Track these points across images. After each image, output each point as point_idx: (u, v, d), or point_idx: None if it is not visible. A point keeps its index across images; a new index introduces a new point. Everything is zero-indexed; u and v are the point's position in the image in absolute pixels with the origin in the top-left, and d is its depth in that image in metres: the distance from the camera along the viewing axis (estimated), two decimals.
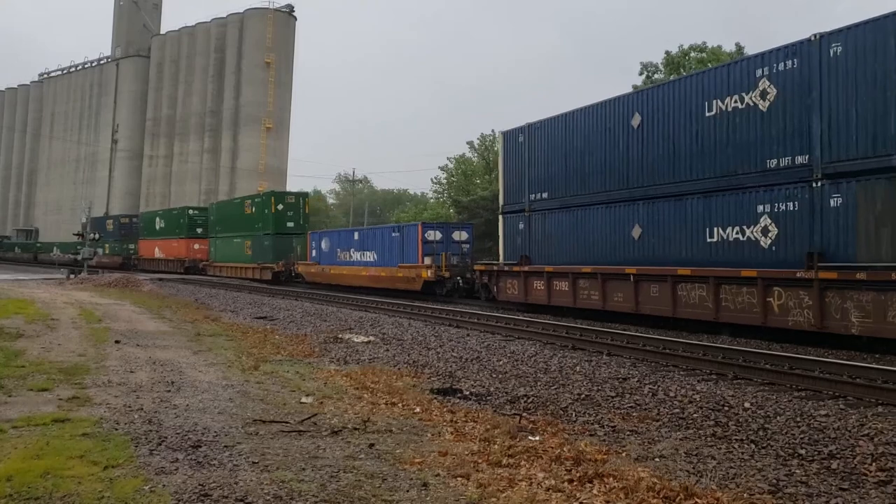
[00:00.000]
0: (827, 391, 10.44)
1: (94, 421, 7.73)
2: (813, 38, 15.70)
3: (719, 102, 17.61)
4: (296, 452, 6.78)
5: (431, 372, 12.59)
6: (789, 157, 16.01)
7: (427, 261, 30.08)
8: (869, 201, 14.43)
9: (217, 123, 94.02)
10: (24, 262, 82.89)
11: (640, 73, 47.16)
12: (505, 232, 26.05)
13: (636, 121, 20.18)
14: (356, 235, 37.15)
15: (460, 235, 31.52)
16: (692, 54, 45.20)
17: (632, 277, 19.67)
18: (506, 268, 25.44)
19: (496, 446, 7.22)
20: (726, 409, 9.49)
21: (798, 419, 8.82)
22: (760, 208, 16.54)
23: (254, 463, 6.37)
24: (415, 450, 7.02)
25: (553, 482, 6.07)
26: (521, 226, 24.97)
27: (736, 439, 8.09)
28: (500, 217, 26.45)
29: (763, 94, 16.59)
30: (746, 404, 9.66)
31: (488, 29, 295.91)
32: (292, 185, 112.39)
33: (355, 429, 7.79)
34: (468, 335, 17.70)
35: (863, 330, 14.25)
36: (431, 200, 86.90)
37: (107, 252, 65.02)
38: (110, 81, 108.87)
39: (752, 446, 7.80)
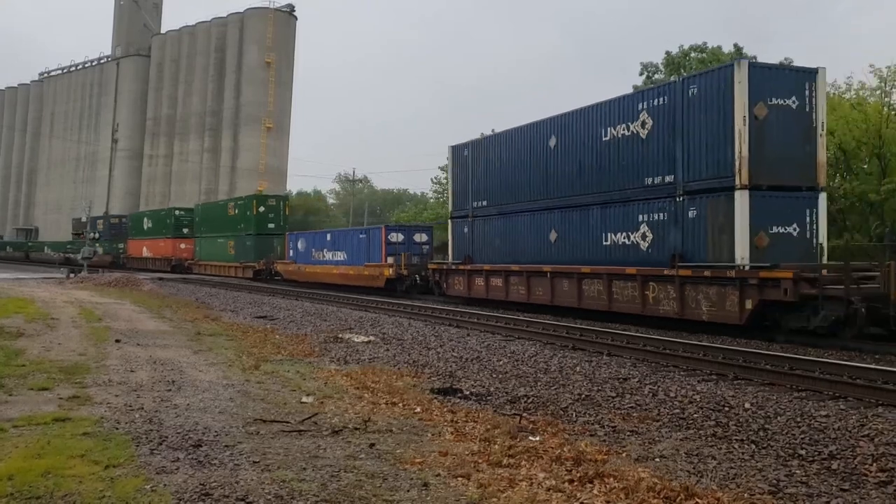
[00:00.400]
0: (827, 392, 10.45)
1: (95, 420, 7.73)
2: (677, 80, 19.74)
3: (612, 129, 21.05)
4: (296, 452, 6.78)
5: (432, 372, 12.59)
6: (661, 177, 19.38)
7: (390, 260, 32.82)
8: (714, 213, 17.87)
9: (217, 123, 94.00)
10: (16, 260, 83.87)
11: (641, 74, 47.18)
12: (453, 234, 29.44)
13: (553, 142, 23.63)
14: (329, 237, 40.32)
15: (420, 237, 34.62)
16: (692, 55, 45.17)
17: (548, 274, 23.11)
18: (453, 266, 28.77)
19: (496, 446, 7.22)
20: (727, 409, 9.49)
21: (798, 419, 8.83)
22: (640, 217, 19.97)
23: (255, 462, 6.37)
24: (415, 450, 7.02)
25: (553, 482, 6.08)
26: (466, 230, 28.29)
27: (736, 439, 8.09)
28: (450, 221, 29.68)
29: (643, 124, 19.96)
30: (747, 405, 9.66)
31: (489, 29, 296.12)
32: (292, 185, 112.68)
33: (356, 428, 7.80)
34: (468, 335, 17.71)
35: (710, 317, 17.68)
36: (431, 200, 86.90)
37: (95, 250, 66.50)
38: (110, 81, 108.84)
39: (753, 446, 7.81)
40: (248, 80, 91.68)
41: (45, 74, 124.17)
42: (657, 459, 7.27)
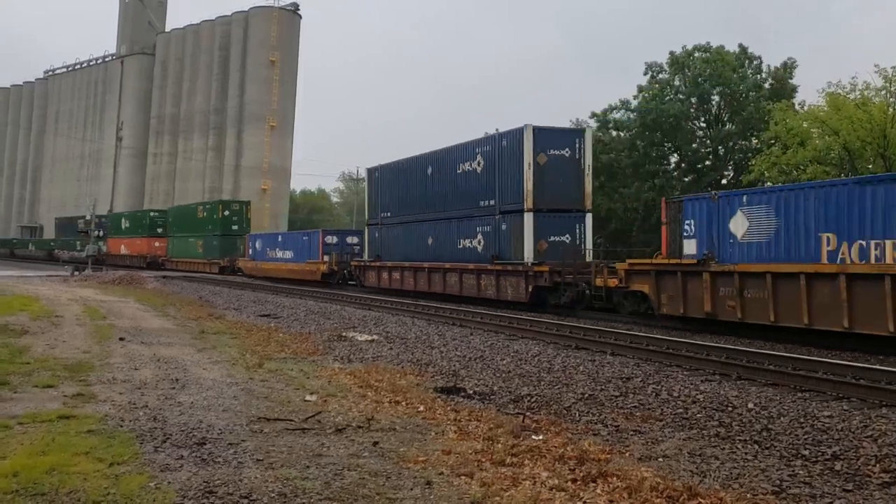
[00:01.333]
0: (831, 392, 10.43)
1: (99, 418, 7.76)
2: (496, 134, 27.33)
3: (462, 165, 28.78)
4: (300, 450, 6.80)
5: (435, 371, 12.60)
6: (488, 201, 26.96)
7: (325, 258, 39.76)
8: (515, 228, 25.46)
9: (221, 121, 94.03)
10: (1, 257, 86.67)
11: (645, 74, 47.08)
12: (368, 238, 36.68)
13: (430, 171, 31.36)
14: (280, 238, 48.35)
15: (352, 239, 41.91)
16: (696, 54, 45.10)
17: (426, 270, 30.48)
18: (367, 263, 35.93)
19: (500, 445, 7.23)
20: (730, 409, 9.49)
21: (802, 420, 8.82)
22: (478, 229, 27.77)
23: (258, 460, 6.40)
24: (418, 448, 7.04)
25: (556, 481, 6.09)
26: (377, 234, 35.64)
27: (739, 440, 8.09)
28: (366, 227, 36.99)
29: (479, 163, 27.68)
30: (750, 405, 9.65)
31: (489, 29, 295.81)
32: (296, 184, 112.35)
33: (359, 427, 7.81)
34: (472, 334, 17.71)
35: (512, 297, 25.32)
36: None
37: (79, 249, 69.68)
38: (115, 79, 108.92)
39: (756, 447, 7.81)
40: (252, 79, 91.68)
41: (50, 73, 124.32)
42: (660, 459, 7.27)
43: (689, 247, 18.98)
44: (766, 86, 43.91)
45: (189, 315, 21.54)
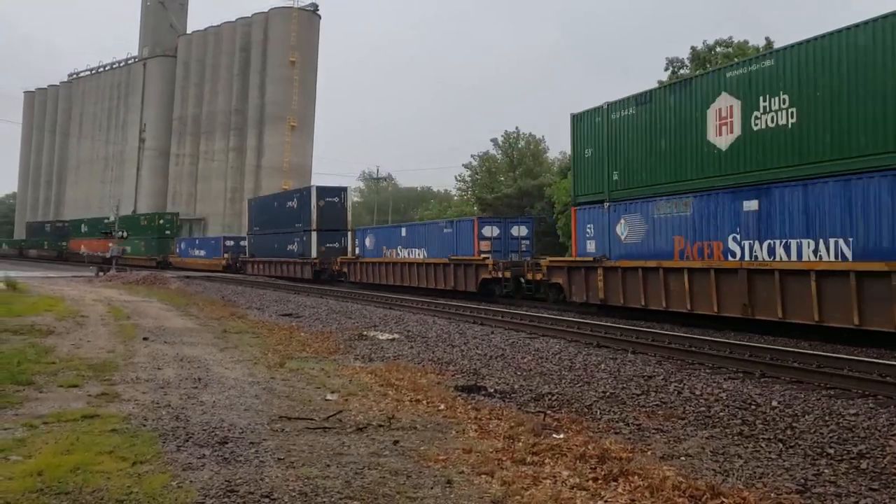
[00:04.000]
0: (856, 390, 10.30)
1: (123, 417, 7.83)
2: (301, 188, 48.81)
3: (290, 203, 46.66)
4: (321, 449, 6.82)
5: (456, 369, 12.59)
6: (299, 224, 45.03)
7: (225, 255, 57.89)
8: (308, 239, 43.30)
9: (242, 122, 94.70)
10: (11, 258, 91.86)
11: (666, 69, 46.75)
12: (248, 242, 55.00)
13: (275, 204, 50.23)
14: (197, 241, 67.18)
15: (242, 242, 57.89)
16: (718, 49, 44.72)
17: (274, 262, 48.32)
18: (247, 259, 54.21)
19: (520, 444, 7.21)
20: (753, 407, 9.40)
21: (826, 418, 8.72)
22: (294, 239, 45.13)
23: (279, 459, 6.42)
24: (439, 447, 7.03)
25: (577, 480, 6.06)
26: (252, 240, 53.70)
27: (763, 438, 8.00)
28: (248, 235, 55.04)
29: (295, 203, 46.59)
30: (774, 403, 9.56)
31: (489, 29, 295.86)
32: (316, 182, 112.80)
33: (380, 426, 7.82)
34: (492, 332, 17.69)
35: (304, 276, 43.45)
36: (455, 198, 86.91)
37: (45, 248, 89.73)
38: (137, 81, 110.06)
39: (780, 445, 7.72)
40: (273, 79, 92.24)
41: (74, 76, 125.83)
42: (682, 458, 7.21)
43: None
44: None
45: (212, 314, 21.70)
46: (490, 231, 30.34)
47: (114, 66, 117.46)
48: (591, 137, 22.88)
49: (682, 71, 45.94)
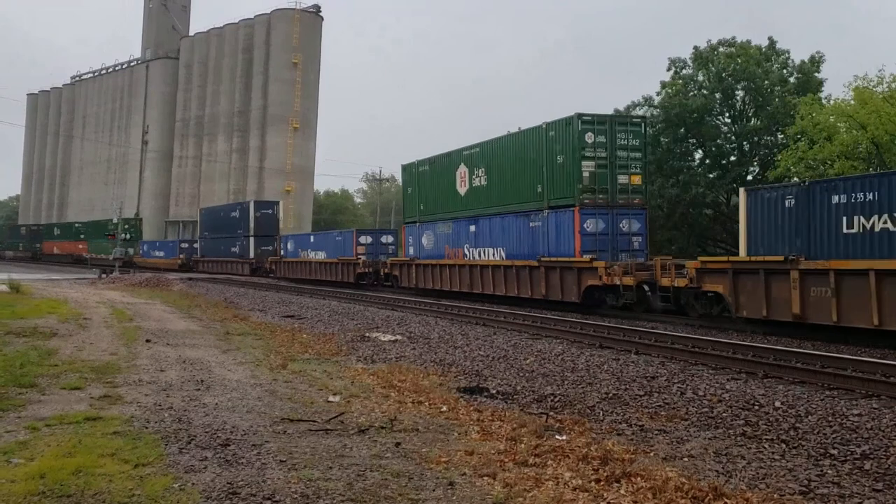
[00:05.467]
0: (860, 390, 10.27)
1: (125, 419, 7.84)
2: (243, 201, 65.80)
3: (233, 213, 59.99)
4: (323, 451, 6.82)
5: (458, 370, 12.59)
6: (242, 231, 57.09)
7: (181, 256, 65.05)
8: (247, 242, 56.30)
9: (245, 123, 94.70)
10: None
11: (668, 69, 46.58)
12: (200, 245, 64.69)
13: (221, 214, 62.14)
14: (157, 244, 76.77)
15: (192, 245, 67.50)
16: (720, 49, 44.61)
17: (220, 261, 58.18)
18: (198, 258, 63.19)
19: (523, 445, 7.20)
20: (756, 408, 9.37)
21: (830, 419, 8.70)
22: (237, 242, 57.09)
23: (281, 461, 6.42)
24: (441, 449, 7.03)
25: (580, 482, 6.05)
26: (203, 243, 63.87)
27: (766, 439, 7.99)
28: (199, 239, 65.00)
29: (237, 213, 59.47)
30: (777, 403, 9.53)
31: (491, 29, 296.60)
32: (319, 184, 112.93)
33: (382, 427, 7.82)
34: (495, 334, 17.68)
35: (243, 273, 54.46)
36: None
37: (20, 249, 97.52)
38: (140, 83, 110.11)
39: (783, 446, 7.70)
40: (275, 81, 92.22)
41: (77, 78, 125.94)
42: (685, 459, 7.20)
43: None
44: (792, 80, 43.31)
45: (214, 316, 21.71)
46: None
47: (116, 68, 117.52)
48: (410, 180, 35.68)
49: (684, 71, 45.86)
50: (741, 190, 19.49)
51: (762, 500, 5.83)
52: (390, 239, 40.80)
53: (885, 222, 15.03)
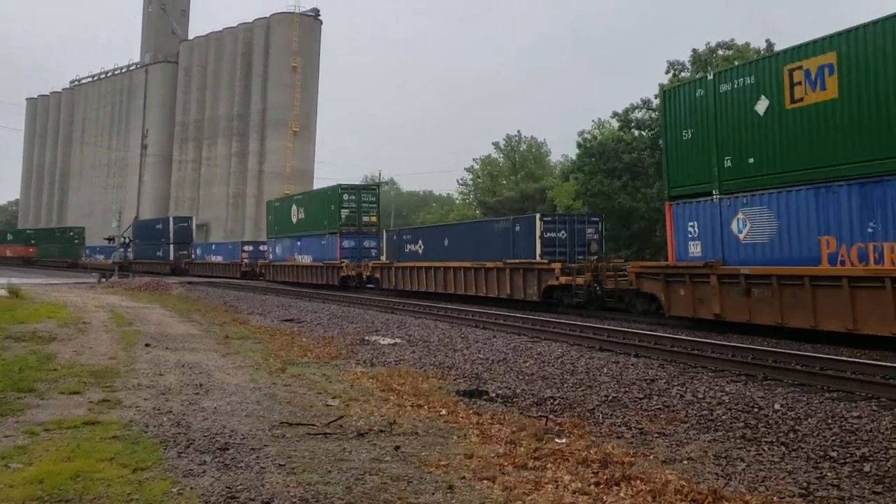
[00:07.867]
0: (860, 392, 10.27)
1: (124, 424, 7.82)
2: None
3: (157, 226, 73.31)
4: (322, 455, 6.80)
5: (457, 374, 12.57)
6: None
7: (119, 259, 62.94)
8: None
9: (244, 127, 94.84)
10: None
11: (667, 72, 46.67)
12: (134, 248, 64.19)
13: (160, 226, 71.93)
14: (98, 249, 78.89)
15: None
16: (720, 52, 44.65)
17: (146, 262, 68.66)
18: (132, 260, 61.71)
19: (522, 449, 7.19)
20: (756, 410, 9.37)
21: (830, 421, 8.69)
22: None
23: (280, 465, 6.40)
24: (440, 452, 7.02)
25: (579, 485, 6.04)
26: (132, 248, 64.16)
27: (766, 442, 7.98)
28: (132, 243, 64.21)
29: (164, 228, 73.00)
30: (776, 406, 9.53)
31: (491, 29, 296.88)
32: (319, 186, 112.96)
33: (381, 431, 7.80)
34: (494, 337, 17.67)
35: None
36: (458, 202, 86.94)
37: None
38: (139, 87, 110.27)
39: (783, 449, 7.70)
40: (274, 84, 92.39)
41: (76, 83, 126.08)
42: (685, 462, 7.19)
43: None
44: None
45: (213, 320, 21.70)
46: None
47: (116, 72, 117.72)
48: (270, 211, 50.17)
49: (682, 74, 45.89)
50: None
51: (762, 503, 5.83)
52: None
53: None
